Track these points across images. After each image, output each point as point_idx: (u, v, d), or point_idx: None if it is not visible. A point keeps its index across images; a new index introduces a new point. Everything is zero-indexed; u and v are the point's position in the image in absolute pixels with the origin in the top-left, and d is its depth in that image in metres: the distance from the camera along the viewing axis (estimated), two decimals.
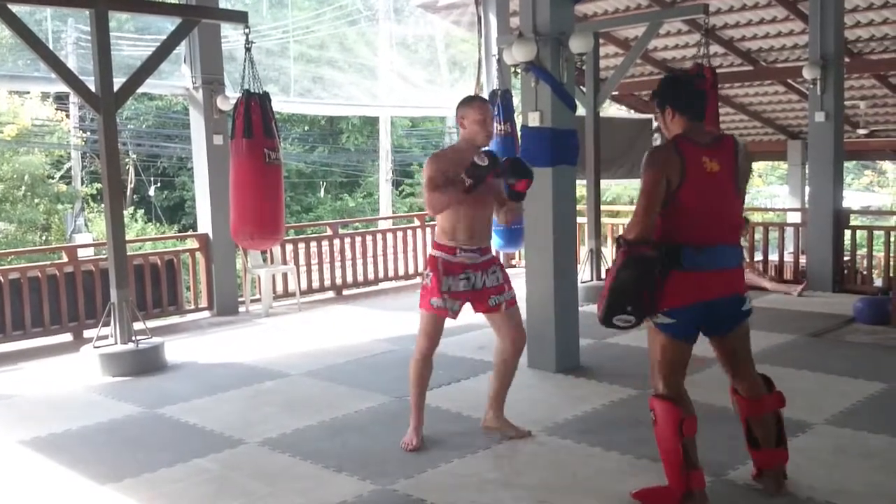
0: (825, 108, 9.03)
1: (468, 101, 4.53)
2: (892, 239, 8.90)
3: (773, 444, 3.81)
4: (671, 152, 3.56)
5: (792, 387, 3.92)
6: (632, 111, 15.57)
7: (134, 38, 14.09)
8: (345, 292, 9.91)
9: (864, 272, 9.55)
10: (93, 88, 6.48)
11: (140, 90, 7.45)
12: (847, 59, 10.74)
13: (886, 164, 28.22)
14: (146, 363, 6.51)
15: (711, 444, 4.48)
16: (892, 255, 8.84)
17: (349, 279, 9.98)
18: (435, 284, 4.45)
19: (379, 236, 10.42)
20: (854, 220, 9.74)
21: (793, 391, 3.92)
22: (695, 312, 3.61)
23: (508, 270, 4.69)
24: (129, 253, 7.13)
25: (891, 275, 8.76)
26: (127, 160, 22.30)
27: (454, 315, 4.55)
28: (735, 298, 3.68)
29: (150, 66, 6.83)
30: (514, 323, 4.63)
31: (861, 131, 14.64)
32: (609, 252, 10.64)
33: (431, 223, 11.18)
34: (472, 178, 4.23)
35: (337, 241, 9.88)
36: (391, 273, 10.44)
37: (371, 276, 10.22)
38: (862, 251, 9.46)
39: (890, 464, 4.18)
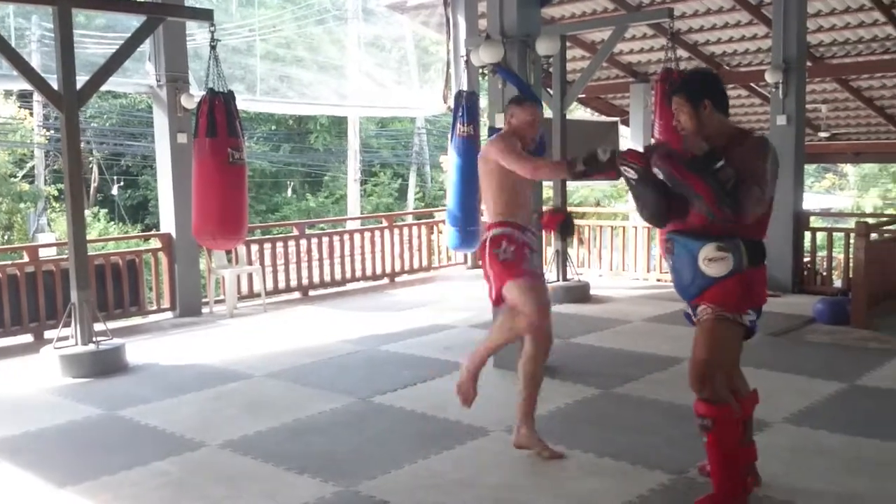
0: (787, 111, 9.17)
1: (518, 101, 4.50)
2: (851, 241, 9.04)
3: (749, 438, 3.85)
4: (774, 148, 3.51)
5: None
6: (598, 114, 15.68)
7: (99, 36, 13.91)
8: (311, 293, 9.86)
9: (824, 273, 9.70)
10: (56, 86, 6.40)
11: (104, 88, 7.36)
12: (809, 64, 10.91)
13: (847, 167, 28.70)
14: (107, 364, 6.43)
15: (671, 440, 4.54)
16: (851, 256, 8.99)
17: (315, 280, 9.94)
18: (519, 256, 4.22)
19: (346, 237, 10.39)
20: (814, 222, 9.89)
21: None
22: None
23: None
24: (90, 253, 7.03)
25: (850, 276, 8.90)
26: (90, 159, 22.02)
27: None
28: None
29: (113, 64, 6.75)
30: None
31: (822, 134, 14.87)
32: (575, 253, 10.71)
33: (399, 223, 11.18)
34: (587, 166, 3.90)
35: (303, 242, 9.84)
36: (358, 274, 10.41)
37: (338, 276, 10.18)
38: (822, 253, 9.60)
39: (847, 462, 4.25)
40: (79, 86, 6.47)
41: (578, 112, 16.75)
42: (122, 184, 23.13)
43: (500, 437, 4.72)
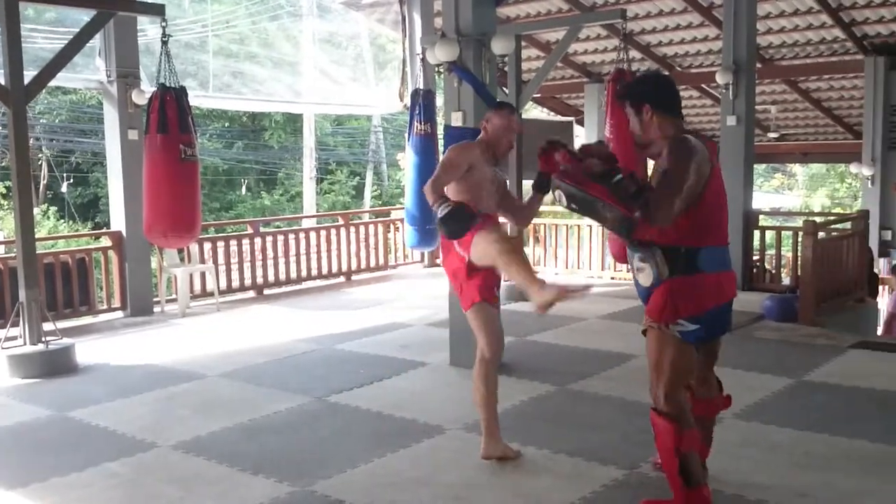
0: (737, 112, 9.32)
1: (496, 107, 4.48)
2: (799, 239, 9.23)
3: (708, 443, 3.84)
4: (703, 147, 3.37)
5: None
6: (554, 113, 15.80)
7: (48, 31, 13.62)
8: (266, 292, 9.77)
9: (773, 271, 9.89)
10: (3, 81, 6.27)
11: (53, 83, 7.23)
12: (759, 65, 11.12)
13: (796, 167, 29.29)
14: (56, 365, 6.31)
15: (625, 436, 4.60)
16: (799, 254, 9.17)
17: (270, 278, 9.85)
18: (465, 274, 4.13)
19: (302, 235, 10.32)
20: (763, 221, 10.08)
21: None
22: (715, 316, 3.50)
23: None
24: (39, 251, 6.89)
25: (798, 274, 9.08)
26: (39, 156, 21.54)
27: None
28: (732, 300, 3.64)
29: (62, 59, 6.65)
30: None
31: (771, 135, 15.17)
32: (531, 251, 10.77)
33: (355, 222, 11.14)
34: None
35: (258, 240, 9.74)
36: (314, 272, 10.35)
37: (294, 275, 10.11)
38: (771, 251, 9.80)
39: (796, 457, 4.33)
40: (27, 81, 6.37)
41: (534, 112, 16.86)
42: (71, 181, 22.65)
43: (456, 435, 4.73)
